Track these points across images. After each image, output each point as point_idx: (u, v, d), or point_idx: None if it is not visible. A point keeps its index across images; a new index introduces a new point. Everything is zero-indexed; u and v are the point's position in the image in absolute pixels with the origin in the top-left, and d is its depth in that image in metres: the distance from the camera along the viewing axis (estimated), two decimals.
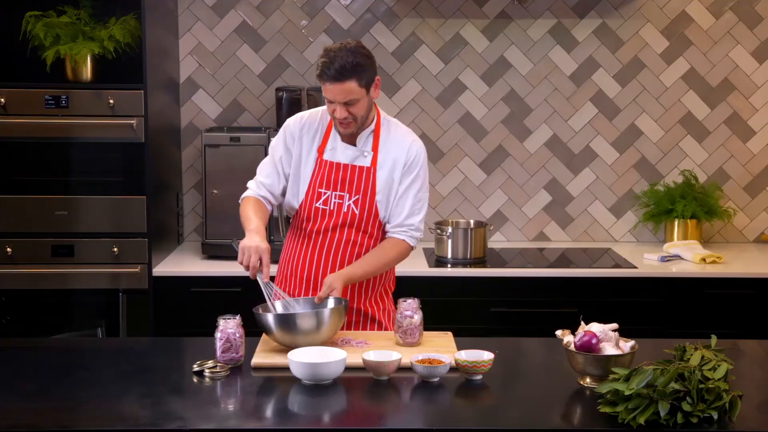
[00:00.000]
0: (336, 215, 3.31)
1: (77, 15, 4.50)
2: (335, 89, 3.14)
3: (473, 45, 4.98)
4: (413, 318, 3.09)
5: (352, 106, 3.17)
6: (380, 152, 3.32)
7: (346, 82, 3.12)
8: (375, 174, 3.30)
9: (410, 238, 3.35)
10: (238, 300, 4.29)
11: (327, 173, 3.31)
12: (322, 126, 3.35)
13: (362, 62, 3.14)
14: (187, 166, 5.03)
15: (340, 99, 3.15)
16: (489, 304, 4.40)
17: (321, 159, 3.32)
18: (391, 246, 3.33)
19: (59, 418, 2.53)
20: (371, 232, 3.33)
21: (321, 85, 3.19)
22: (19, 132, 4.34)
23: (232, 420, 2.59)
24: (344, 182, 3.30)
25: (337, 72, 3.11)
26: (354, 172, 3.30)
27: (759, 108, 5.02)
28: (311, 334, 2.96)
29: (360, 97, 3.16)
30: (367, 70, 3.16)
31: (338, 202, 3.31)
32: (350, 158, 3.31)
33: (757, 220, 5.10)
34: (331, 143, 3.32)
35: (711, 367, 2.53)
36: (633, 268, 4.48)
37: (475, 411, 2.68)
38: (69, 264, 4.39)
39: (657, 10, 4.96)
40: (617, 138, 5.04)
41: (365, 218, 3.31)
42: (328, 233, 3.32)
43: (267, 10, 4.95)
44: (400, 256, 3.36)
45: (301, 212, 3.36)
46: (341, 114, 3.18)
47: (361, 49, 3.17)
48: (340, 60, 3.11)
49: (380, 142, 3.32)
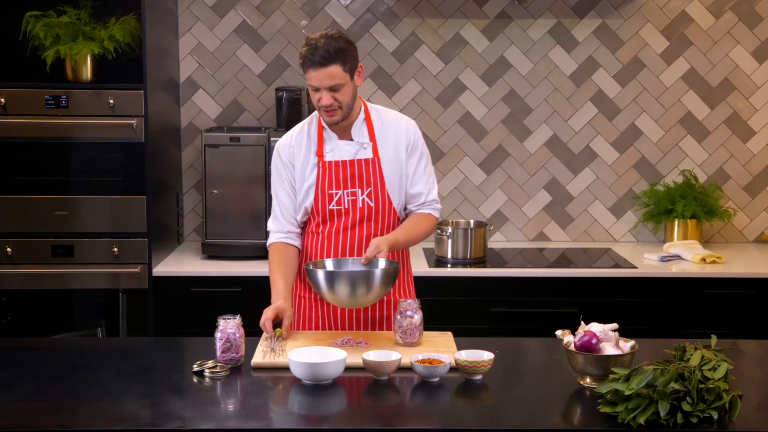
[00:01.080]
0: (352, 212, 3.31)
1: (77, 15, 4.50)
2: (320, 74, 3.16)
3: (473, 45, 4.98)
4: (413, 318, 3.09)
5: (337, 92, 3.19)
6: (378, 141, 3.34)
7: (330, 66, 3.14)
8: (380, 163, 3.32)
9: (435, 211, 3.43)
10: (238, 300, 4.31)
11: (334, 173, 3.31)
12: (312, 133, 3.36)
13: (345, 47, 3.18)
14: (187, 166, 5.03)
15: (326, 84, 3.17)
16: (489, 304, 4.40)
17: (322, 162, 3.31)
18: (420, 218, 3.39)
19: (59, 418, 2.53)
20: (388, 222, 3.35)
21: (305, 75, 3.20)
22: (19, 132, 4.34)
23: (232, 420, 2.59)
24: (353, 178, 3.31)
25: (321, 57, 3.13)
26: (360, 166, 3.31)
27: (759, 108, 5.02)
28: (360, 296, 3.03)
29: (344, 82, 3.18)
30: (350, 56, 3.19)
31: (351, 199, 3.31)
32: (352, 154, 3.32)
33: (757, 220, 5.10)
34: (328, 144, 3.33)
35: (711, 367, 2.53)
36: (633, 268, 4.48)
37: (475, 411, 2.68)
38: (69, 264, 4.39)
39: (657, 10, 4.96)
40: (617, 138, 5.05)
41: (381, 209, 3.32)
42: (348, 232, 3.32)
43: (267, 10, 4.96)
44: (429, 228, 3.42)
45: (315, 218, 3.34)
46: (327, 101, 3.19)
47: (342, 35, 3.21)
48: (324, 46, 3.14)
49: (375, 131, 3.34)
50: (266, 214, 4.57)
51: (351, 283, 3.03)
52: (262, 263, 4.47)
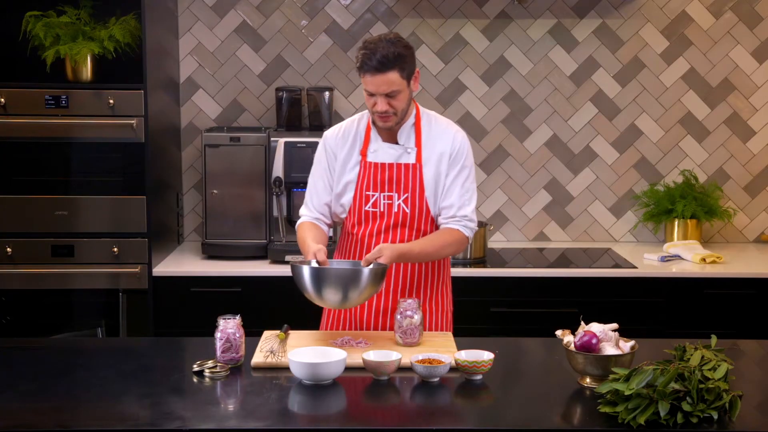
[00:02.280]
0: (387, 216, 3.27)
1: (77, 15, 4.50)
2: (377, 81, 3.10)
3: (473, 45, 4.98)
4: (413, 318, 3.09)
5: (393, 98, 3.13)
6: (424, 147, 3.27)
7: (388, 72, 3.09)
8: (421, 170, 3.26)
9: (465, 228, 3.28)
10: (238, 300, 4.31)
11: (372, 175, 3.27)
12: (360, 130, 3.31)
13: (403, 53, 3.11)
14: (187, 166, 5.02)
15: (382, 90, 3.11)
16: (489, 304, 4.40)
17: (365, 161, 3.28)
18: (445, 233, 3.27)
19: (59, 418, 2.53)
20: (423, 230, 3.28)
21: (361, 78, 3.15)
22: (19, 132, 4.34)
23: (232, 420, 2.59)
24: (391, 182, 3.25)
25: (378, 63, 3.07)
26: (400, 171, 3.25)
27: (759, 108, 5.02)
28: (341, 293, 2.97)
29: (401, 88, 3.13)
30: (408, 61, 3.13)
31: (387, 203, 3.26)
32: (394, 157, 3.27)
33: (757, 220, 5.10)
34: (373, 145, 3.28)
35: (711, 367, 2.53)
36: (633, 268, 4.48)
37: (475, 411, 2.68)
38: (69, 264, 4.39)
39: (657, 10, 4.96)
40: (617, 138, 5.05)
41: (416, 216, 3.27)
42: (381, 236, 3.27)
43: (267, 10, 4.95)
44: (456, 244, 3.28)
45: (351, 218, 3.31)
46: (382, 107, 3.14)
47: (401, 40, 3.14)
48: (382, 51, 3.07)
49: (423, 136, 3.27)
50: (266, 214, 4.58)
51: (336, 283, 2.97)
52: (262, 263, 4.49)
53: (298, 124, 4.81)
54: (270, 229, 4.59)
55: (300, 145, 4.51)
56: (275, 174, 4.49)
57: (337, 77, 4.97)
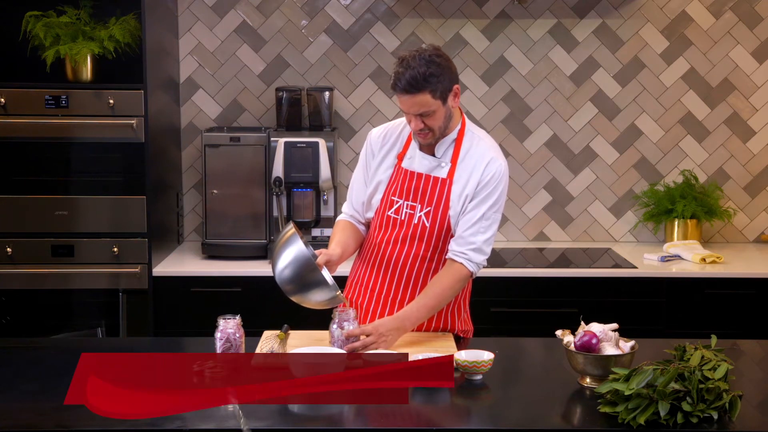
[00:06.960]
0: (406, 226, 3.19)
1: (77, 15, 4.51)
2: (408, 102, 3.03)
3: (473, 45, 4.98)
4: (350, 328, 3.02)
5: (427, 117, 3.06)
6: (459, 165, 3.17)
7: (418, 95, 3.00)
8: (450, 186, 3.16)
9: (468, 261, 3.13)
10: (238, 300, 4.31)
11: (402, 181, 3.21)
12: (404, 134, 3.26)
13: (435, 72, 3.00)
14: (187, 166, 5.02)
15: (414, 111, 3.04)
16: (489, 304, 4.39)
17: (399, 166, 3.23)
18: (442, 276, 3.15)
19: (59, 418, 2.53)
20: (442, 248, 3.18)
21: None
22: (19, 132, 4.34)
23: (232, 420, 2.58)
24: (417, 192, 3.18)
25: (407, 84, 2.99)
26: (428, 183, 3.17)
27: (759, 108, 5.01)
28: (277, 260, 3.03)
29: (435, 108, 3.04)
30: (441, 80, 3.02)
31: (409, 213, 3.19)
32: (427, 168, 3.19)
33: (757, 220, 5.10)
34: (410, 152, 3.22)
35: (711, 367, 2.53)
36: (633, 268, 4.48)
37: (475, 411, 2.68)
38: (69, 264, 4.39)
39: (657, 10, 4.96)
40: (617, 138, 5.04)
41: (436, 232, 3.17)
42: (398, 244, 3.20)
43: (267, 10, 4.95)
44: (456, 284, 3.14)
45: (375, 220, 3.28)
46: (417, 126, 3.07)
47: (436, 57, 3.02)
48: (411, 71, 2.98)
49: (460, 154, 3.18)
50: (266, 214, 4.58)
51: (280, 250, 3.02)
52: (262, 263, 4.49)
53: (298, 124, 4.80)
54: (270, 229, 4.59)
55: (300, 145, 4.51)
56: (275, 174, 4.49)
57: (337, 77, 4.97)
